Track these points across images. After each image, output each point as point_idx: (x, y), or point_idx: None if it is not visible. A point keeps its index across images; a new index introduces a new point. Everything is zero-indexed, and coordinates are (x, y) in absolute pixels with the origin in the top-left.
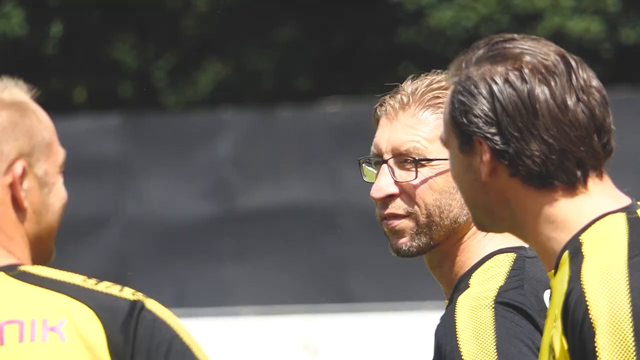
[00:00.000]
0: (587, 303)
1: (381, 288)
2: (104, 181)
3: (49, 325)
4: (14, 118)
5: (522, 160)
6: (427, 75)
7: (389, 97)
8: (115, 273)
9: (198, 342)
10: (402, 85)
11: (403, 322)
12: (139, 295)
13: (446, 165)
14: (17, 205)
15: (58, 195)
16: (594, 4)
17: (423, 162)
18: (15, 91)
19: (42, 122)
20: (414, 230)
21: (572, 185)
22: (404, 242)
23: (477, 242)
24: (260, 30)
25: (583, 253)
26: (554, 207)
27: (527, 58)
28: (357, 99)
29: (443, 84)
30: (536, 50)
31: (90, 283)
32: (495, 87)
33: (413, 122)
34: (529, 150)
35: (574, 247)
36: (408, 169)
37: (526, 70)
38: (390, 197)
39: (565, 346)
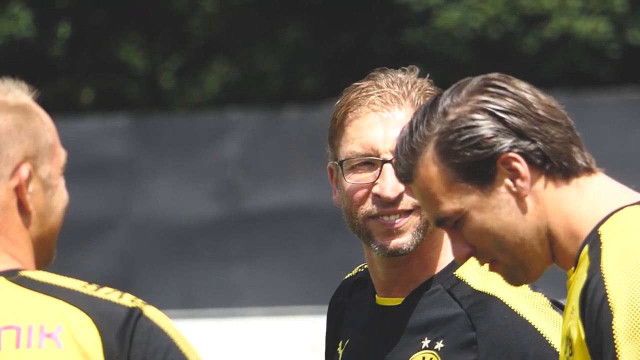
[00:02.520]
0: (606, 288)
1: None
2: (111, 182)
3: (46, 332)
4: (19, 121)
5: (551, 147)
6: (390, 72)
7: (372, 96)
8: (121, 274)
9: (195, 351)
10: (377, 82)
11: None
12: (138, 302)
13: None
14: (22, 209)
15: (60, 197)
16: (601, 4)
17: None
18: (18, 93)
19: (46, 124)
20: (417, 226)
21: (586, 178)
22: (406, 241)
23: (448, 239)
24: (267, 31)
25: (602, 243)
26: (578, 206)
27: (492, 75)
28: None
29: (425, 83)
30: (488, 75)
31: (90, 289)
32: (489, 106)
33: None
34: (551, 136)
35: (593, 240)
36: None
37: (500, 84)
38: (399, 195)
39: (583, 335)
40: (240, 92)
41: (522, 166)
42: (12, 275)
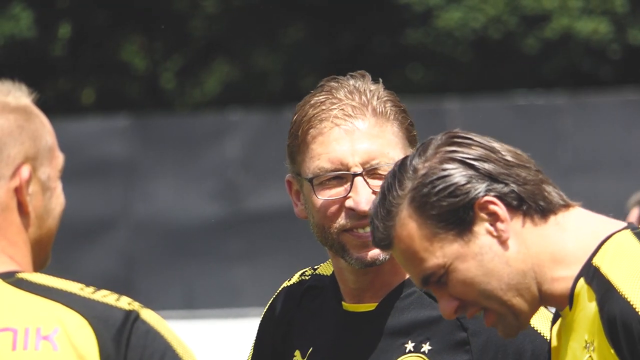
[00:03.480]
0: (634, 306)
1: None
2: (112, 182)
3: (42, 334)
4: (20, 122)
5: (525, 188)
6: (342, 80)
7: (334, 110)
8: (122, 274)
9: (192, 354)
10: (334, 94)
11: None
12: (135, 305)
13: None
14: (22, 210)
15: (58, 200)
16: (602, 5)
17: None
18: (18, 95)
19: (45, 126)
20: None
21: (564, 213)
22: (382, 252)
23: None
24: (267, 31)
25: (603, 272)
26: (560, 243)
27: (455, 130)
28: None
29: (381, 89)
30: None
31: (87, 292)
32: (457, 155)
33: (376, 131)
34: (522, 178)
35: (589, 273)
36: (379, 178)
37: (465, 135)
38: None
39: (617, 357)
40: (241, 92)
41: (499, 208)
42: (10, 278)
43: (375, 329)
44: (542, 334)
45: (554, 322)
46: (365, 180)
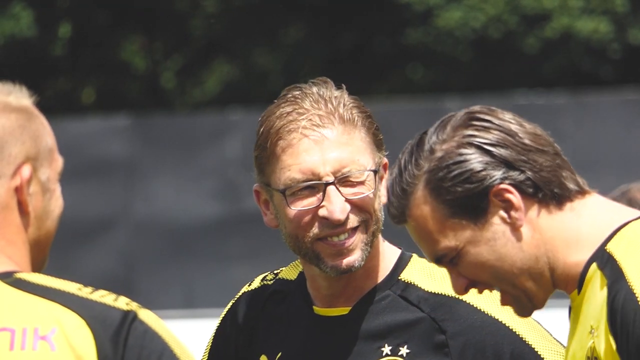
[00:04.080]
0: (638, 299)
1: None
2: (112, 182)
3: (40, 334)
4: (21, 122)
5: (540, 176)
6: (305, 88)
7: (302, 120)
8: (122, 274)
9: (190, 354)
10: (300, 104)
11: None
12: (133, 305)
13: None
14: (22, 210)
15: (57, 202)
16: (602, 4)
17: (362, 174)
18: (19, 95)
19: (46, 128)
20: (365, 241)
21: (580, 200)
22: (357, 258)
23: (384, 246)
24: (268, 31)
25: (617, 259)
26: (575, 228)
27: (475, 109)
28: (365, 100)
29: (345, 95)
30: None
31: (85, 292)
32: (475, 140)
33: (345, 139)
34: (539, 164)
35: (602, 258)
36: (351, 185)
37: (484, 117)
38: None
39: (614, 345)
40: (241, 91)
41: (514, 197)
42: (8, 278)
43: (349, 333)
44: (521, 336)
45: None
46: (337, 189)
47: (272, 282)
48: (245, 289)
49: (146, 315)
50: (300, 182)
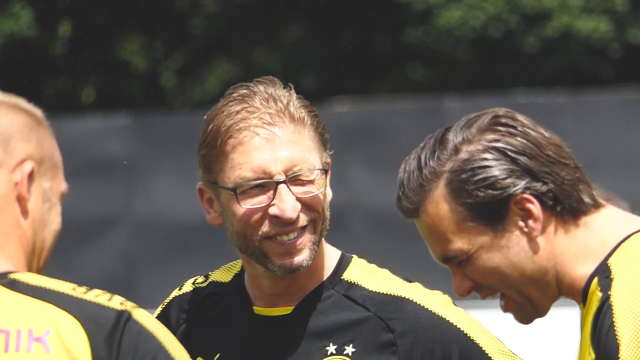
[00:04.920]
0: (614, 319)
1: None
2: (112, 181)
3: (35, 336)
4: (30, 123)
5: (562, 189)
6: (252, 86)
7: (253, 119)
8: (123, 273)
9: (185, 354)
10: (250, 102)
11: None
12: (127, 305)
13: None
14: (20, 206)
15: (56, 218)
16: (602, 3)
17: (312, 173)
18: (34, 108)
19: (54, 143)
20: (313, 240)
21: (592, 214)
22: (305, 257)
23: (326, 246)
24: (268, 30)
25: (612, 274)
26: (584, 243)
27: (500, 113)
28: (365, 99)
29: (293, 94)
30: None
31: (79, 292)
32: (500, 145)
33: (295, 138)
34: (561, 178)
35: (602, 271)
36: (302, 184)
37: (509, 122)
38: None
39: (593, 355)
40: None
41: (535, 207)
42: (2, 279)
43: (292, 333)
44: (469, 336)
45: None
46: (288, 188)
47: (205, 284)
48: (175, 293)
49: (140, 315)
50: (251, 181)
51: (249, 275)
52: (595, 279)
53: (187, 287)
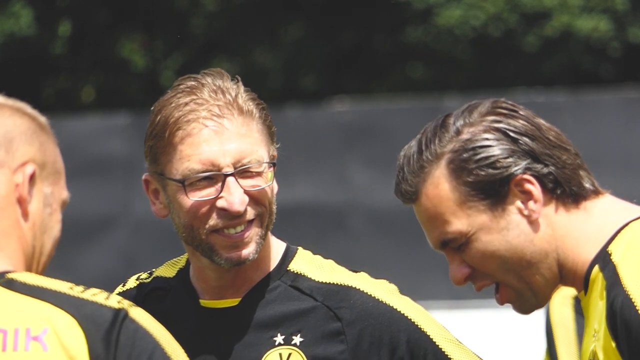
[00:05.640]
0: (635, 304)
1: None
2: (112, 180)
3: (32, 335)
4: (33, 127)
5: (563, 172)
6: (199, 78)
7: (202, 111)
8: (122, 273)
9: (182, 352)
10: (198, 94)
11: None
12: (124, 304)
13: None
14: (21, 207)
15: (57, 224)
16: (602, 2)
17: (260, 166)
18: (35, 111)
19: (57, 150)
20: (260, 234)
21: (593, 200)
22: (251, 251)
23: (271, 238)
24: (268, 29)
25: (613, 261)
26: (585, 228)
27: (501, 99)
28: (365, 98)
29: (241, 86)
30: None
31: (76, 291)
32: (502, 126)
33: (244, 130)
34: (562, 161)
35: (604, 260)
36: (250, 177)
37: (510, 106)
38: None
39: (613, 344)
40: None
41: (535, 189)
42: (0, 278)
43: (240, 324)
44: (416, 324)
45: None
46: (236, 180)
47: (148, 280)
48: (119, 289)
49: (137, 314)
50: (199, 173)
51: (195, 269)
52: (597, 266)
53: (131, 283)
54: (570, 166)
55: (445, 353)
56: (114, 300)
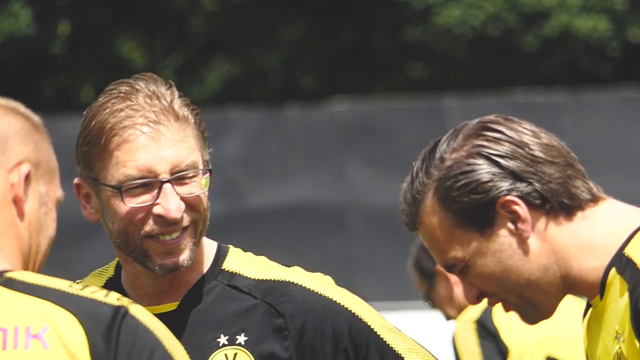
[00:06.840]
0: None
1: (388, 287)
2: None
3: (32, 333)
4: (27, 127)
5: (548, 187)
6: (133, 83)
7: (138, 117)
8: None
9: (182, 350)
10: (133, 100)
11: (410, 321)
12: (124, 301)
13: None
14: (17, 206)
15: (52, 223)
16: (601, 2)
17: (197, 173)
18: (29, 110)
19: (51, 150)
20: (194, 240)
21: (593, 208)
22: (186, 257)
23: (204, 240)
24: (267, 29)
25: (636, 262)
26: (588, 235)
27: (489, 118)
28: (364, 98)
29: (177, 94)
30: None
31: (76, 288)
32: (484, 150)
33: (180, 136)
34: (548, 176)
35: (621, 263)
36: (186, 183)
37: (496, 127)
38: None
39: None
40: (241, 89)
41: (521, 208)
42: None
43: (181, 328)
44: (356, 314)
45: (585, 312)
46: (173, 187)
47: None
48: None
49: (137, 311)
50: (135, 179)
51: (128, 275)
52: (613, 270)
53: None
54: (558, 180)
55: (386, 341)
56: (113, 298)
